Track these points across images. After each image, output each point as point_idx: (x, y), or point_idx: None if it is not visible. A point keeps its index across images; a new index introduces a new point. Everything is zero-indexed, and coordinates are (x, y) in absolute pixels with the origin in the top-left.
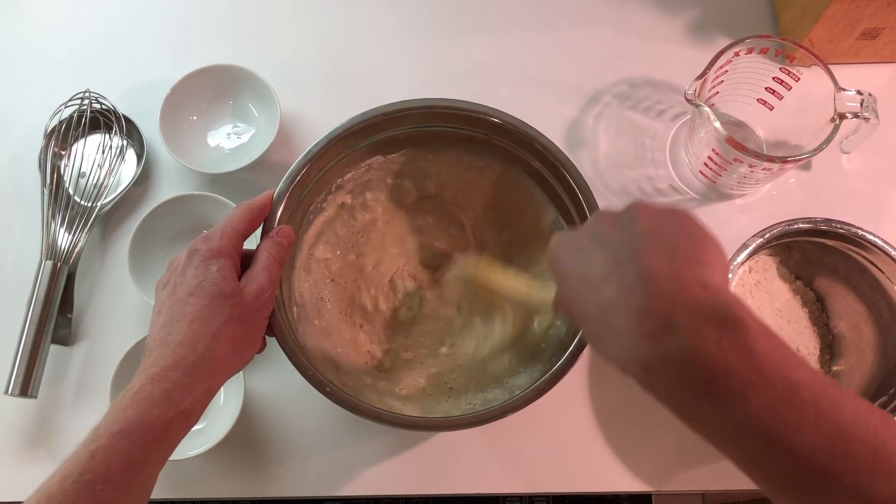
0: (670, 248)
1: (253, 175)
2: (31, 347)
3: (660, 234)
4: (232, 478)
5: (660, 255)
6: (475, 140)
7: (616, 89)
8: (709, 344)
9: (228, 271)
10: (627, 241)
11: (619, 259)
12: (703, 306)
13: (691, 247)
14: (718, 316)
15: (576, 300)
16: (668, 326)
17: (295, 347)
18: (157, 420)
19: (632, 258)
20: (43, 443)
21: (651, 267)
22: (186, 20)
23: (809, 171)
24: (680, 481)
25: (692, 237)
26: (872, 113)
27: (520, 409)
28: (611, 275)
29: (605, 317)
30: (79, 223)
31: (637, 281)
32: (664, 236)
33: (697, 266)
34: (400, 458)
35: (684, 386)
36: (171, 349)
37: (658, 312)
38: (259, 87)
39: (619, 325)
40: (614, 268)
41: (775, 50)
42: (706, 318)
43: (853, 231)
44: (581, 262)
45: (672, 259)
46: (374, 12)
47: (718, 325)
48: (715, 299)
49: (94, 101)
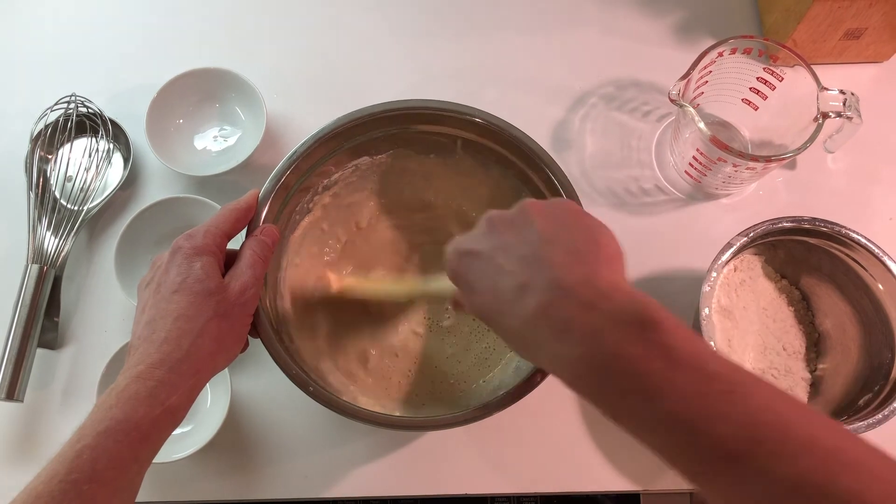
0: (572, 249)
1: (240, 178)
2: (17, 351)
3: (558, 235)
4: (219, 480)
5: (567, 259)
6: (460, 140)
7: (602, 90)
8: (630, 347)
9: (212, 268)
10: (529, 246)
11: (527, 268)
12: (620, 311)
13: (593, 245)
14: (636, 319)
15: (491, 312)
16: (592, 334)
17: (279, 347)
18: (142, 418)
19: (541, 265)
20: (29, 446)
21: (563, 275)
22: (172, 23)
23: (794, 171)
24: (668, 481)
25: (590, 233)
26: (855, 112)
27: (507, 406)
28: (524, 287)
29: (527, 330)
30: (65, 227)
31: (553, 291)
32: (563, 236)
33: (602, 265)
34: (388, 459)
35: (610, 388)
36: (156, 347)
37: (580, 322)
38: (245, 90)
39: (544, 336)
40: (527, 277)
41: (759, 50)
42: (625, 322)
43: (837, 230)
44: (489, 273)
45: (581, 262)
46: (361, 14)
47: (637, 328)
48: (630, 302)
49: (80, 105)
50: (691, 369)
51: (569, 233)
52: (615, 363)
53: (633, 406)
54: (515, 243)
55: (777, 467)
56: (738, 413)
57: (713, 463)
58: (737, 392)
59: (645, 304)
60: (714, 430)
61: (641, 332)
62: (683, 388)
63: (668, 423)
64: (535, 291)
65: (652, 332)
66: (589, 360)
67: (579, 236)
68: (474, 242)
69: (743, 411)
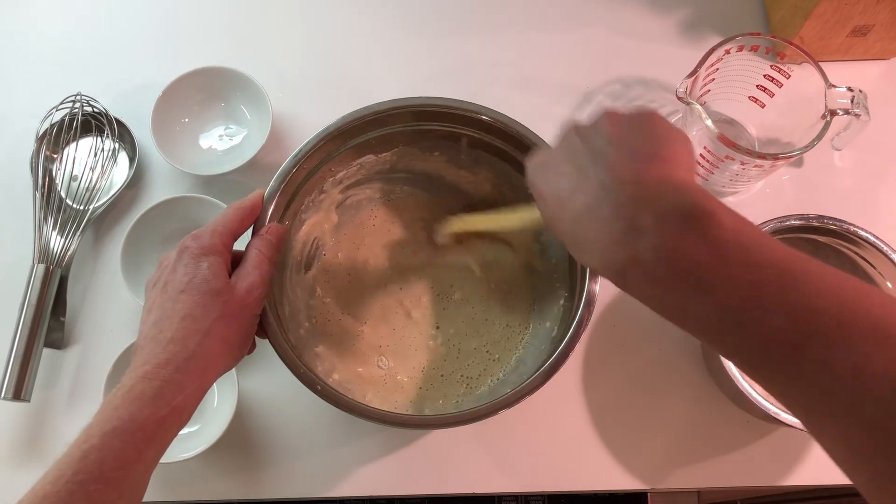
0: (634, 150)
1: (245, 177)
2: (23, 351)
3: (625, 138)
4: (226, 479)
5: (623, 158)
6: (465, 137)
7: (608, 88)
8: (674, 240)
9: (219, 268)
10: (593, 150)
11: (585, 169)
12: (665, 203)
13: (654, 145)
14: (681, 211)
15: (553, 217)
16: (634, 229)
17: (286, 346)
18: (148, 418)
19: (597, 166)
20: (36, 446)
21: (614, 171)
22: (177, 23)
23: (801, 168)
24: (675, 479)
25: (656, 136)
26: (863, 109)
27: (514, 404)
28: (579, 186)
29: (577, 228)
30: (71, 226)
31: (601, 188)
32: (628, 140)
33: (659, 163)
34: (395, 458)
35: (655, 284)
36: (162, 347)
37: (623, 216)
38: (250, 89)
39: (591, 233)
40: (581, 178)
41: (766, 48)
42: (669, 214)
43: (845, 227)
44: (554, 179)
45: (634, 160)
46: (366, 12)
47: (682, 221)
48: (676, 194)
49: (85, 104)
50: (737, 260)
51: (633, 136)
52: (656, 258)
53: (683, 302)
54: (583, 149)
55: (836, 357)
56: (792, 302)
57: (770, 356)
58: (787, 280)
59: (693, 195)
60: (768, 321)
61: (684, 224)
62: (734, 280)
63: (721, 317)
64: (585, 191)
65: (697, 223)
66: (631, 256)
67: (645, 140)
68: (548, 153)
69: (797, 300)
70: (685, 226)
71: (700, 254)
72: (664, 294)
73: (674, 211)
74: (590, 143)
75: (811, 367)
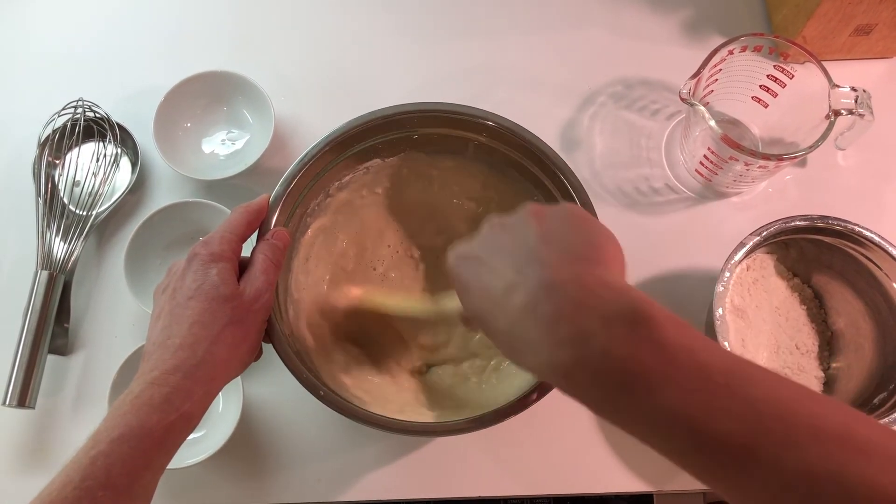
0: (568, 250)
1: (248, 181)
2: (28, 358)
3: (555, 237)
4: (232, 485)
5: (559, 258)
6: (472, 143)
7: (611, 90)
8: (621, 344)
9: (228, 275)
10: (524, 247)
11: (519, 267)
12: (610, 307)
13: (588, 246)
14: (626, 315)
15: (483, 313)
16: (580, 331)
17: (290, 351)
18: (157, 424)
19: (532, 265)
20: (41, 453)
21: (553, 272)
22: (179, 27)
23: (805, 168)
24: (681, 481)
25: (587, 235)
26: (867, 109)
27: (519, 412)
28: (514, 285)
29: (515, 329)
30: (74, 232)
31: (541, 289)
32: (559, 238)
33: (596, 265)
34: (400, 463)
35: (601, 387)
36: (171, 353)
37: (568, 319)
38: (253, 93)
39: (532, 335)
40: (516, 277)
41: (769, 48)
42: (615, 318)
43: (850, 228)
44: (482, 274)
45: (572, 262)
46: (369, 16)
47: (628, 325)
48: (620, 299)
49: (87, 110)
50: (686, 364)
51: (566, 235)
52: (606, 362)
53: (629, 405)
54: (511, 246)
55: (785, 459)
56: (739, 406)
57: (719, 459)
58: (735, 384)
59: (634, 300)
60: (716, 425)
61: (632, 329)
62: (680, 383)
63: (668, 422)
64: (523, 290)
65: (643, 327)
66: (578, 359)
67: (576, 238)
68: (472, 246)
69: (744, 404)
70: (632, 329)
71: (650, 358)
72: (609, 397)
73: (619, 315)
74: (519, 239)
75: (762, 470)
